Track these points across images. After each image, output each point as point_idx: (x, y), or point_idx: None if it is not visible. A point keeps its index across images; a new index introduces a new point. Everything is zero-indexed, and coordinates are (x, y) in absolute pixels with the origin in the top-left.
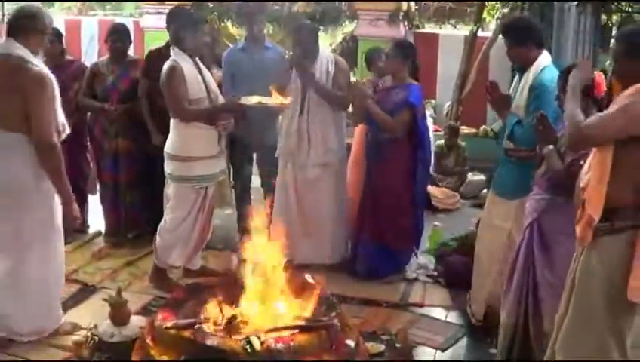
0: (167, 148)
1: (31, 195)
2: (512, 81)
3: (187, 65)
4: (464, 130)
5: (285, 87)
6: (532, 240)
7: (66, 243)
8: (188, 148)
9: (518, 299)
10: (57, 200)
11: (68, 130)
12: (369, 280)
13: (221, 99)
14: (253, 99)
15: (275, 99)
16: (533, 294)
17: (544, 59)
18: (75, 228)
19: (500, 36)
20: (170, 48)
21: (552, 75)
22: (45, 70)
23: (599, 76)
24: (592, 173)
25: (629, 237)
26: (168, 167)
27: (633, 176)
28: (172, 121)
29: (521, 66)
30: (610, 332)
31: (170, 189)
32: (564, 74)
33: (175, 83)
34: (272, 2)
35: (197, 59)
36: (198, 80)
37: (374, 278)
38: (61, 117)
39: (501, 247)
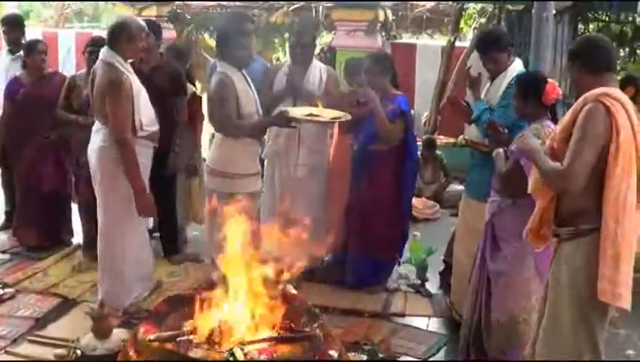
0: (211, 163)
1: (119, 183)
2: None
3: (237, 79)
4: (442, 139)
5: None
6: (486, 240)
7: (45, 257)
8: (235, 165)
9: (475, 294)
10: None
11: (153, 128)
12: (357, 289)
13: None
14: (302, 111)
15: (328, 113)
16: (486, 290)
17: (517, 65)
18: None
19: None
20: (217, 62)
21: None
22: (126, 74)
23: (551, 84)
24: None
25: (592, 240)
26: (212, 183)
27: (593, 179)
28: (216, 136)
29: (495, 73)
30: (581, 333)
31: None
32: (520, 80)
33: (225, 97)
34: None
35: (244, 72)
36: (249, 94)
37: (363, 288)
38: (141, 115)
39: None
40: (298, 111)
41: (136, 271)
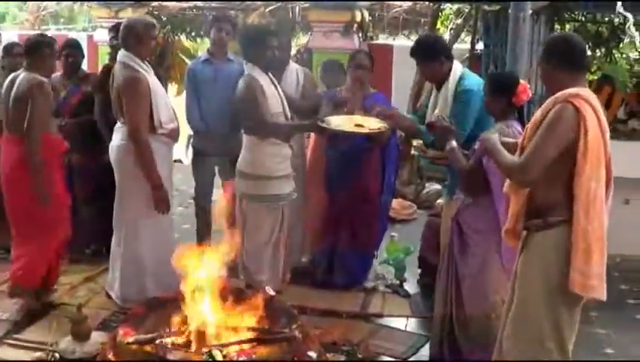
0: (241, 166)
1: (138, 181)
2: None
3: (264, 80)
4: (419, 140)
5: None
6: (453, 237)
7: None
8: (264, 166)
9: (445, 291)
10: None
11: (172, 125)
12: (335, 290)
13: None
14: (343, 120)
15: (373, 123)
16: (456, 286)
17: (457, 67)
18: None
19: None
20: (244, 64)
21: (473, 79)
22: (141, 74)
23: (523, 85)
24: None
25: (561, 232)
26: (242, 186)
27: (562, 175)
28: (246, 139)
29: (437, 81)
30: (548, 323)
31: (244, 210)
32: (492, 78)
33: (256, 99)
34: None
35: (270, 73)
36: (275, 95)
37: (354, 286)
38: (160, 113)
39: None
40: (339, 120)
41: (156, 269)
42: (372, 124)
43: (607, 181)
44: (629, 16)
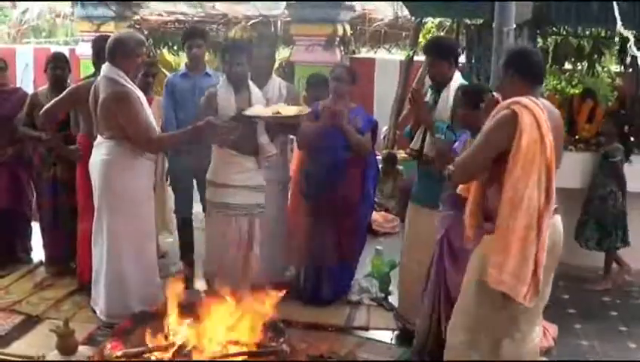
0: (207, 173)
1: (121, 197)
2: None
3: (223, 93)
4: (401, 153)
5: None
6: (442, 252)
7: (5, 275)
8: (219, 174)
9: (432, 304)
10: (146, 206)
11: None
12: (320, 304)
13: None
14: (264, 110)
15: (291, 110)
16: (446, 298)
17: (458, 76)
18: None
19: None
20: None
21: None
22: (129, 88)
23: (496, 98)
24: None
25: None
26: (207, 193)
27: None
28: (213, 147)
29: (438, 82)
30: (481, 325)
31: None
32: (468, 91)
33: (204, 107)
34: (207, 28)
35: (250, 86)
36: (232, 107)
37: (340, 299)
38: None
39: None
40: (259, 110)
41: (140, 284)
42: (290, 111)
43: (548, 190)
44: (630, 36)
